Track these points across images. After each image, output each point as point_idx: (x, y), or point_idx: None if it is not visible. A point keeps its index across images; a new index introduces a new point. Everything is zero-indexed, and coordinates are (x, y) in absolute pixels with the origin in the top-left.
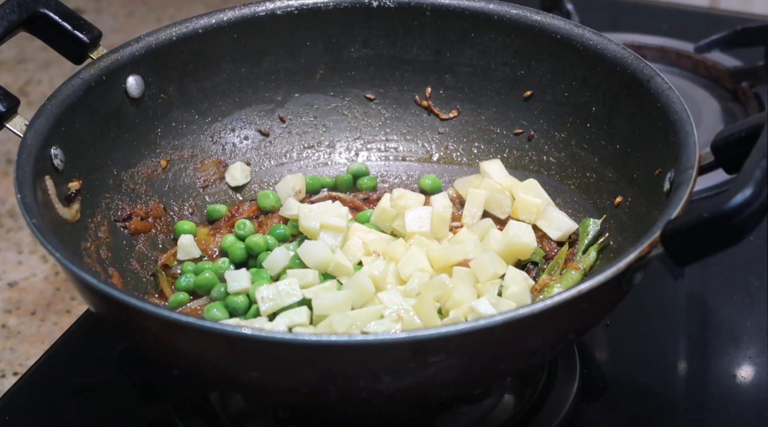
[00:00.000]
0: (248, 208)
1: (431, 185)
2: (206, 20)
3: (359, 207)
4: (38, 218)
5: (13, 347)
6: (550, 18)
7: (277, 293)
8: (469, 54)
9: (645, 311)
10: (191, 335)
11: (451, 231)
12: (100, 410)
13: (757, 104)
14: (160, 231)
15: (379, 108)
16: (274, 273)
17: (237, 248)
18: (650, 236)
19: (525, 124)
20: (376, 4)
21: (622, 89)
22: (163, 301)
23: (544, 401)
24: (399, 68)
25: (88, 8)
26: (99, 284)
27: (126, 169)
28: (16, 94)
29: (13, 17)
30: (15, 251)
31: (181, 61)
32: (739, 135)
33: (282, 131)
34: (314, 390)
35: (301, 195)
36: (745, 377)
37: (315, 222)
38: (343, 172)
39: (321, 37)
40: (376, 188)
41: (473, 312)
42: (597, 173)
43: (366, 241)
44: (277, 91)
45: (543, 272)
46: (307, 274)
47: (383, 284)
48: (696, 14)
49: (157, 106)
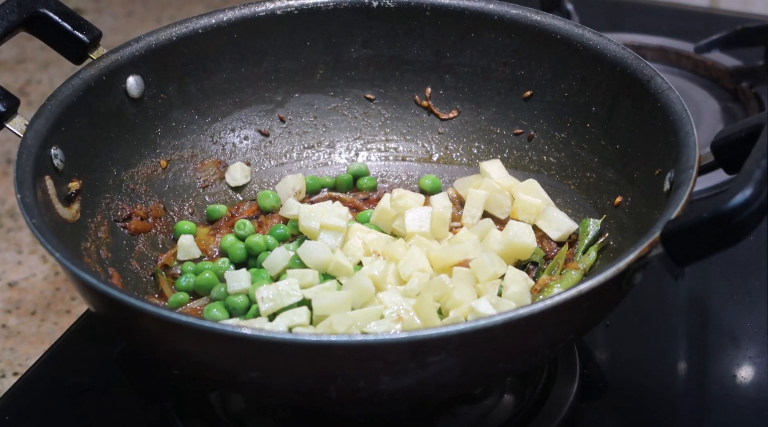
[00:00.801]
0: (248, 209)
1: (431, 185)
2: (206, 20)
3: (359, 207)
4: (38, 218)
5: (13, 347)
6: (550, 18)
7: (277, 293)
8: (469, 54)
9: (645, 311)
10: (191, 335)
11: (451, 231)
12: (100, 410)
13: (757, 104)
14: (160, 231)
15: (379, 108)
16: (274, 273)
17: (237, 248)
18: (650, 236)
19: (525, 124)
20: (376, 4)
21: (622, 89)
22: (163, 301)
23: (544, 401)
24: (399, 68)
25: (88, 8)
26: (99, 284)
27: (126, 169)
28: (16, 94)
29: (13, 17)
30: (15, 251)
31: (181, 61)
32: (739, 135)
33: (282, 131)
34: (314, 390)
35: (301, 195)
36: (745, 377)
37: (315, 222)
38: (343, 173)
39: (321, 37)
40: (376, 188)
41: (473, 312)
42: (597, 173)
43: (366, 241)
44: (277, 92)
45: (543, 272)
46: (307, 274)
47: (383, 284)
48: (696, 14)
49: (157, 106)
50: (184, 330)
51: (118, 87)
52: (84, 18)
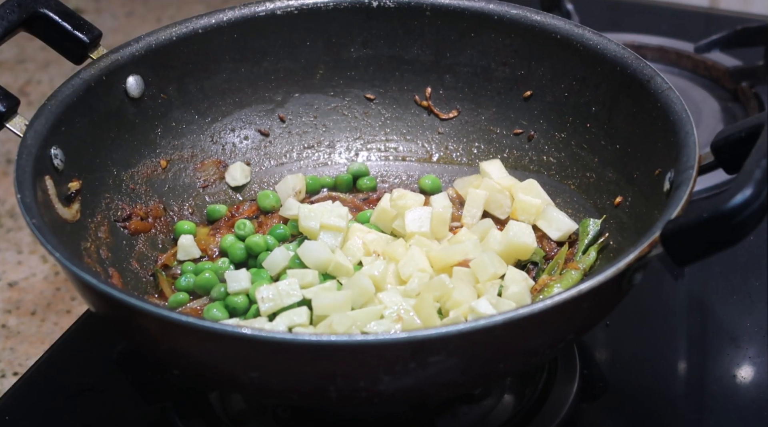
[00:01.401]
0: (248, 208)
1: (431, 185)
2: (206, 20)
3: (359, 207)
4: (38, 218)
5: (13, 347)
6: (550, 18)
7: (277, 293)
8: (469, 54)
9: (645, 311)
10: (191, 335)
11: (451, 231)
12: (100, 410)
13: (757, 104)
14: (160, 231)
15: (379, 108)
16: (274, 273)
17: (237, 248)
18: (650, 236)
19: (525, 124)
20: (376, 4)
21: (622, 89)
22: (163, 301)
23: (544, 401)
24: (399, 68)
25: (88, 8)
26: (99, 284)
27: (126, 169)
28: (16, 94)
29: (13, 17)
30: (15, 251)
31: (181, 61)
32: (739, 135)
33: (282, 131)
34: (314, 390)
35: (301, 195)
36: (744, 377)
37: (315, 222)
38: (343, 173)
39: (321, 37)
40: (375, 188)
41: (473, 312)
42: (597, 173)
43: (366, 241)
44: (277, 91)
45: (543, 272)
46: (307, 274)
47: (383, 285)
48: (696, 14)
49: (157, 106)
50: (184, 330)
51: (118, 87)
52: (84, 18)
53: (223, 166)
